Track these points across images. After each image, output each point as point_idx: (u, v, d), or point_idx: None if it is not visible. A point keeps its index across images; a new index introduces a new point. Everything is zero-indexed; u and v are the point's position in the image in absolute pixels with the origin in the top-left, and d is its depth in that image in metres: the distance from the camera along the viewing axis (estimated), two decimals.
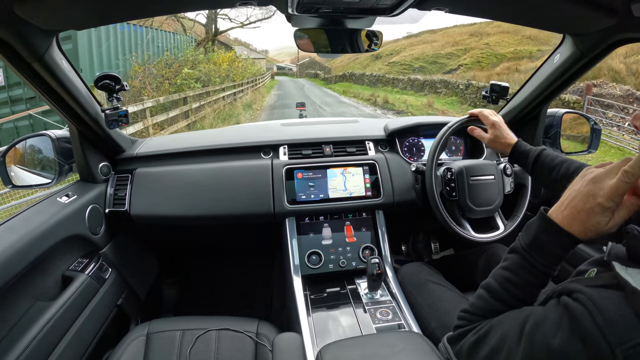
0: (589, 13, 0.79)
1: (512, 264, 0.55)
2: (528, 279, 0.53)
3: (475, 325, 0.55)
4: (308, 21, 0.89)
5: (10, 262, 0.76)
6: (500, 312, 0.54)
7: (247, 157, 1.28)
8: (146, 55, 9.89)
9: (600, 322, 0.39)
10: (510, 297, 0.54)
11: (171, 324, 0.97)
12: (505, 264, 0.57)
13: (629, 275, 0.41)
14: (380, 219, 1.21)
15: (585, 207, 0.47)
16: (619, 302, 0.40)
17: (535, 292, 0.54)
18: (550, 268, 0.52)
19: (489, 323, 0.53)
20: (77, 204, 1.03)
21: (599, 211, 0.46)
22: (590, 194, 0.47)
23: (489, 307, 0.56)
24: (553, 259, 0.51)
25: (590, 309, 0.40)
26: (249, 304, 1.64)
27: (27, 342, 0.76)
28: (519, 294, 0.53)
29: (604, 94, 8.62)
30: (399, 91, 18.70)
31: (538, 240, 0.52)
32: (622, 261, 0.43)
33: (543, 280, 0.53)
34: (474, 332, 0.54)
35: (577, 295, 0.43)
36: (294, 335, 0.89)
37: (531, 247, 0.52)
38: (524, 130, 1.33)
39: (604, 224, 0.46)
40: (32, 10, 0.65)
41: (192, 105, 8.35)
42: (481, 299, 0.57)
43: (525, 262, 0.53)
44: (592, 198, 0.46)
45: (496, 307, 0.55)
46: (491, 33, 26.23)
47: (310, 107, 12.70)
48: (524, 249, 0.53)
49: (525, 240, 0.54)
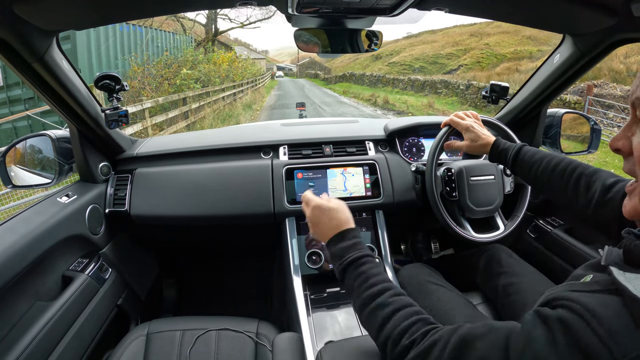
0: (589, 13, 0.79)
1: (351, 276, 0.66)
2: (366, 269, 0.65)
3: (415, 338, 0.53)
4: (308, 21, 0.89)
5: (10, 262, 0.76)
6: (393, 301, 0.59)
7: (247, 157, 1.27)
8: (145, 55, 9.89)
9: (602, 333, 0.36)
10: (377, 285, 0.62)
11: (171, 324, 0.97)
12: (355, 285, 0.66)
13: (627, 281, 0.39)
14: (380, 219, 1.21)
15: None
16: (618, 310, 0.37)
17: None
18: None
19: (435, 334, 0.51)
20: (77, 204, 1.03)
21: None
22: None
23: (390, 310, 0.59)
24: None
25: (588, 320, 0.37)
26: (249, 304, 1.64)
27: (27, 342, 0.76)
28: (381, 278, 0.64)
29: (604, 95, 8.62)
30: (399, 91, 18.70)
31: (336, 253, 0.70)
32: (620, 266, 0.42)
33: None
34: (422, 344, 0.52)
35: (571, 305, 0.40)
36: (293, 335, 0.89)
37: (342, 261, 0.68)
38: (524, 130, 1.34)
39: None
40: (32, 10, 0.65)
41: (192, 105, 8.34)
42: (380, 314, 0.59)
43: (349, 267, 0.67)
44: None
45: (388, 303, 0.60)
46: (491, 33, 26.26)
47: (310, 107, 12.71)
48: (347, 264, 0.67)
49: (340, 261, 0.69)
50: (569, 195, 0.78)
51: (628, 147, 0.45)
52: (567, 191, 0.79)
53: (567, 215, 1.23)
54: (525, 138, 1.30)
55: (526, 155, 0.87)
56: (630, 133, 0.45)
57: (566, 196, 0.79)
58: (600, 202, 0.71)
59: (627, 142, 0.45)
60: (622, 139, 0.46)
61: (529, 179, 0.87)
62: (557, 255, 1.20)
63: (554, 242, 1.21)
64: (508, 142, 0.93)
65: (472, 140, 0.97)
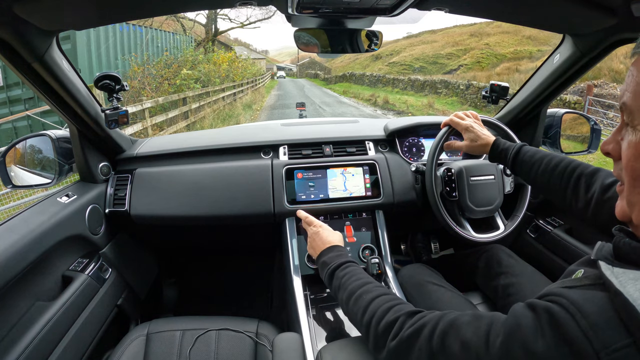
0: (589, 13, 0.79)
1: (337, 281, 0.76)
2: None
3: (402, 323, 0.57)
4: (308, 21, 0.89)
5: (11, 262, 0.76)
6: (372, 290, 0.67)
7: (247, 157, 1.27)
8: (145, 55, 9.89)
9: (585, 326, 0.38)
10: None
11: (171, 324, 0.97)
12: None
13: (614, 276, 0.40)
14: (380, 219, 1.21)
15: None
16: (603, 304, 0.39)
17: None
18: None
19: (420, 320, 0.55)
20: (77, 204, 1.03)
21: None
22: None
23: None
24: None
25: (573, 313, 0.39)
26: (249, 304, 1.64)
27: (27, 342, 0.76)
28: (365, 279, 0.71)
29: (604, 95, 8.62)
30: (399, 91, 18.70)
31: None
32: (609, 261, 0.43)
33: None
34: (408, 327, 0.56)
35: (558, 299, 0.42)
36: (293, 335, 0.89)
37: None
38: (524, 130, 1.34)
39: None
40: (32, 10, 0.65)
41: (192, 105, 8.34)
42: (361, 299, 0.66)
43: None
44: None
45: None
46: (491, 33, 26.26)
47: (310, 107, 12.71)
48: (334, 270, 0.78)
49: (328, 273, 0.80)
50: (568, 195, 0.78)
51: (617, 151, 0.45)
52: (567, 191, 0.79)
53: (567, 215, 1.23)
54: (525, 138, 1.30)
55: (526, 155, 0.87)
56: (619, 137, 0.45)
57: (566, 197, 0.79)
58: (600, 202, 0.71)
59: (617, 146, 0.45)
60: (612, 142, 0.46)
61: (529, 179, 0.87)
62: (557, 255, 1.20)
63: (554, 242, 1.21)
64: (508, 142, 0.93)
65: (471, 140, 0.97)
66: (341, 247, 0.87)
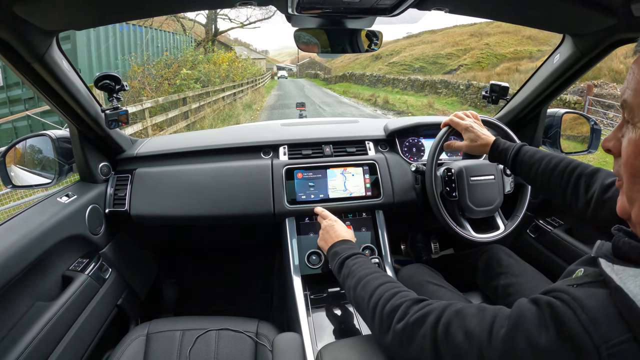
0: (589, 13, 0.79)
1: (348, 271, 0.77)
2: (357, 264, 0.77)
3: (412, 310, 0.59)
4: (308, 21, 0.89)
5: (10, 262, 0.76)
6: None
7: (247, 157, 1.27)
8: (145, 55, 9.89)
9: (585, 321, 0.39)
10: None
11: (171, 324, 0.97)
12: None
13: (614, 273, 0.41)
14: (380, 219, 1.21)
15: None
16: (603, 300, 0.40)
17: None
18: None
19: (427, 307, 0.56)
20: (77, 204, 1.03)
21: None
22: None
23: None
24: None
25: (574, 308, 0.40)
26: (249, 304, 1.64)
27: (27, 342, 0.76)
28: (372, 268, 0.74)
29: (604, 95, 8.62)
30: (399, 91, 18.71)
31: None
32: (609, 258, 0.44)
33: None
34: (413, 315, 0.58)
35: (560, 295, 0.43)
36: (293, 335, 0.89)
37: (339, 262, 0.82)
38: (524, 130, 1.34)
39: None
40: (32, 10, 0.65)
41: (192, 105, 8.34)
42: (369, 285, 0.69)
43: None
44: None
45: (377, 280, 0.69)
46: (491, 33, 26.27)
47: (310, 107, 12.71)
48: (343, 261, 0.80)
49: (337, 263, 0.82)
50: (568, 195, 0.79)
51: (618, 148, 0.46)
52: (566, 191, 0.79)
53: (567, 215, 1.23)
54: (525, 138, 1.30)
55: (526, 155, 0.87)
56: (620, 134, 0.46)
57: (565, 196, 0.79)
58: (599, 202, 0.72)
59: (618, 143, 0.46)
60: (613, 139, 0.47)
61: (529, 179, 0.87)
62: (557, 255, 1.20)
63: (554, 242, 1.21)
64: (508, 142, 0.93)
65: (471, 140, 0.97)
66: (353, 242, 0.91)
